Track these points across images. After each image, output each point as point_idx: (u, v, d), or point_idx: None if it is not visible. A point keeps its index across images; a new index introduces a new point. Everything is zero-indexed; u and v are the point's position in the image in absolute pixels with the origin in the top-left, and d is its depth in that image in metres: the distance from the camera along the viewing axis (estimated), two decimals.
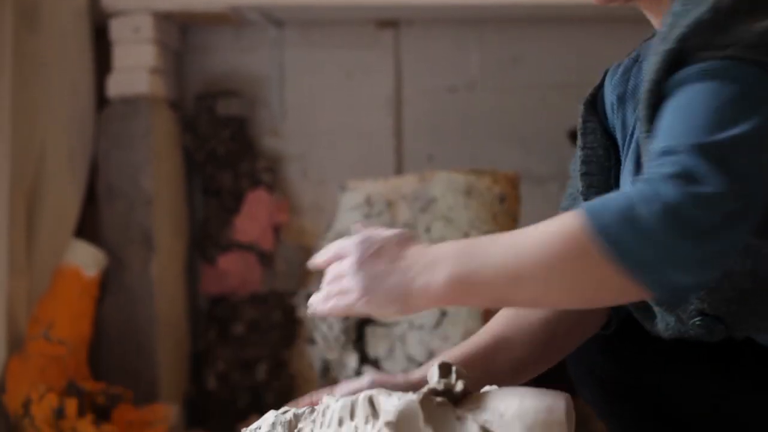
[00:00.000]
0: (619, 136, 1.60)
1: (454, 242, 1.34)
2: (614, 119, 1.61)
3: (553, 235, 1.27)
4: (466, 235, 3.39)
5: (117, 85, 3.90)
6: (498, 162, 3.80)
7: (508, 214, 3.41)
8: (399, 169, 4.11)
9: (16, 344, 3.44)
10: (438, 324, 3.37)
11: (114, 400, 3.46)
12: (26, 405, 3.26)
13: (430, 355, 3.35)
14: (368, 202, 3.53)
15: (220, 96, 4.16)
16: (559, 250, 1.26)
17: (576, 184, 1.67)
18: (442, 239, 3.40)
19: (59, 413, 3.24)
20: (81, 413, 3.30)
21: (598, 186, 1.59)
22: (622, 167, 1.57)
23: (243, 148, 4.15)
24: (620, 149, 1.59)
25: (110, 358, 3.85)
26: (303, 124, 4.18)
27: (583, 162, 1.63)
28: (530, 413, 1.21)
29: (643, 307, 1.54)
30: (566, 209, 1.66)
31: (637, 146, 1.50)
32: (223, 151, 4.14)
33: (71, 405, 3.27)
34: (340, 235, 3.57)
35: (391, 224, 3.50)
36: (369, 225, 1.39)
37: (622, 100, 1.59)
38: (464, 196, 3.41)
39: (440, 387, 1.27)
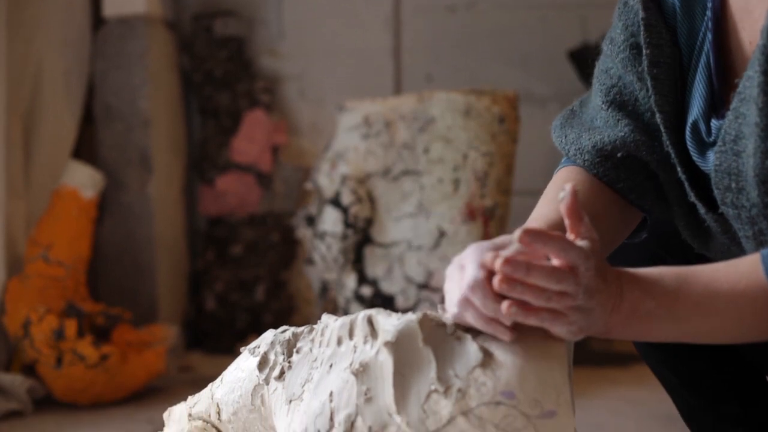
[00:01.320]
0: (683, 43, 1.48)
1: (654, 295, 1.24)
2: (679, 22, 1.48)
3: (744, 298, 1.25)
4: (465, 157, 3.38)
5: (113, 5, 3.86)
6: (497, 82, 3.79)
7: (507, 135, 3.39)
8: (397, 89, 4.09)
9: (15, 266, 3.44)
10: (436, 245, 3.37)
11: (113, 320, 3.47)
12: (26, 326, 3.27)
13: (428, 275, 3.36)
14: (366, 122, 3.51)
15: (218, 16, 4.12)
16: (751, 316, 1.25)
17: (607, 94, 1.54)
18: (440, 160, 3.39)
19: (59, 334, 3.25)
20: (80, 334, 3.31)
21: (668, 95, 1.47)
22: (690, 84, 1.47)
23: (241, 69, 4.12)
24: (683, 58, 1.48)
25: (109, 280, 3.85)
26: (301, 44, 4.15)
27: (652, 64, 1.47)
28: (529, 332, 1.21)
29: (698, 230, 1.52)
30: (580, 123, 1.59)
31: (709, 70, 1.43)
32: (221, 71, 4.11)
33: (70, 326, 3.28)
34: (338, 156, 3.56)
35: (389, 144, 3.48)
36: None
37: (687, 0, 1.48)
38: (463, 117, 3.39)
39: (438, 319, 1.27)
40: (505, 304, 1.17)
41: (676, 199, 1.53)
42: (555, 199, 1.53)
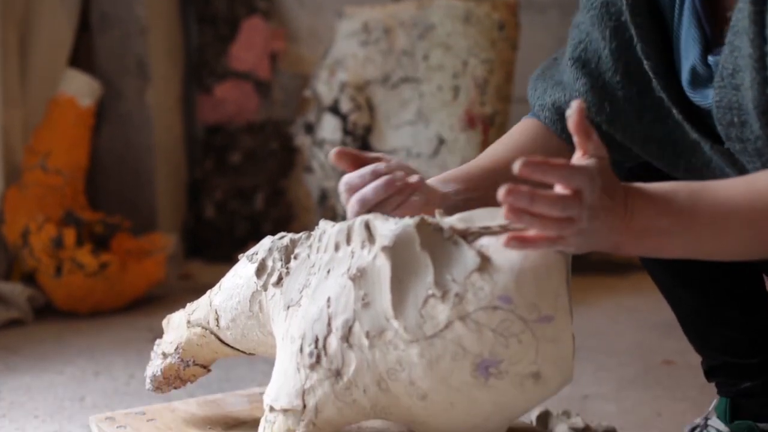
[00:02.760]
0: None
1: (667, 213, 1.22)
2: None
3: (762, 218, 1.23)
4: (465, 64, 3.36)
5: None
6: None
7: (507, 41, 3.37)
8: None
9: (13, 175, 3.43)
10: (436, 152, 3.36)
11: (112, 229, 3.47)
12: (25, 235, 3.27)
13: None
14: (365, 29, 3.48)
15: None
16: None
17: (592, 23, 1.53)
18: (439, 67, 3.36)
19: (57, 243, 3.25)
20: (79, 243, 3.32)
21: (653, 42, 1.46)
22: (677, 29, 1.45)
23: None
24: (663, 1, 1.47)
25: (108, 188, 3.85)
26: None
27: (633, 12, 1.47)
28: None
29: (696, 174, 1.51)
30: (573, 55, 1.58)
31: (697, 13, 1.41)
32: None
33: (69, 235, 3.28)
34: (337, 63, 3.53)
35: (388, 51, 3.46)
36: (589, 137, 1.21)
37: None
38: (463, 23, 3.36)
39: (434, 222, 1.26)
40: (504, 237, 1.16)
41: (667, 149, 1.52)
42: (507, 142, 1.58)
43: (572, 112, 1.19)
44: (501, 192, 1.12)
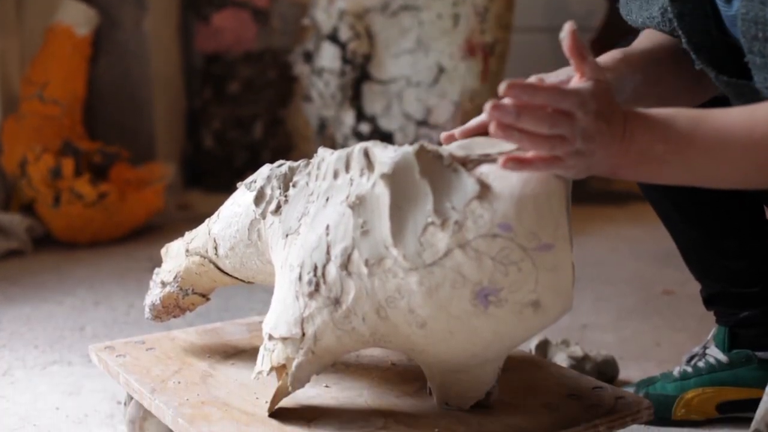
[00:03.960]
0: None
1: (665, 139, 1.20)
2: None
3: (759, 146, 1.21)
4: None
5: None
6: None
7: None
8: None
9: (10, 105, 3.42)
10: (435, 81, 3.34)
11: (111, 159, 3.46)
12: (23, 165, 3.26)
13: (427, 112, 3.34)
14: None
15: None
16: (765, 164, 1.22)
17: None
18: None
19: (56, 173, 3.25)
20: (78, 173, 3.31)
21: None
22: None
23: None
24: None
25: (106, 118, 3.83)
26: None
27: None
28: None
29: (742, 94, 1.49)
30: None
31: None
32: None
33: (67, 165, 3.27)
34: None
35: None
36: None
37: None
38: None
39: (433, 149, 1.25)
40: (501, 159, 1.15)
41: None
42: (643, 38, 1.56)
43: (565, 34, 1.18)
44: (486, 107, 1.12)
